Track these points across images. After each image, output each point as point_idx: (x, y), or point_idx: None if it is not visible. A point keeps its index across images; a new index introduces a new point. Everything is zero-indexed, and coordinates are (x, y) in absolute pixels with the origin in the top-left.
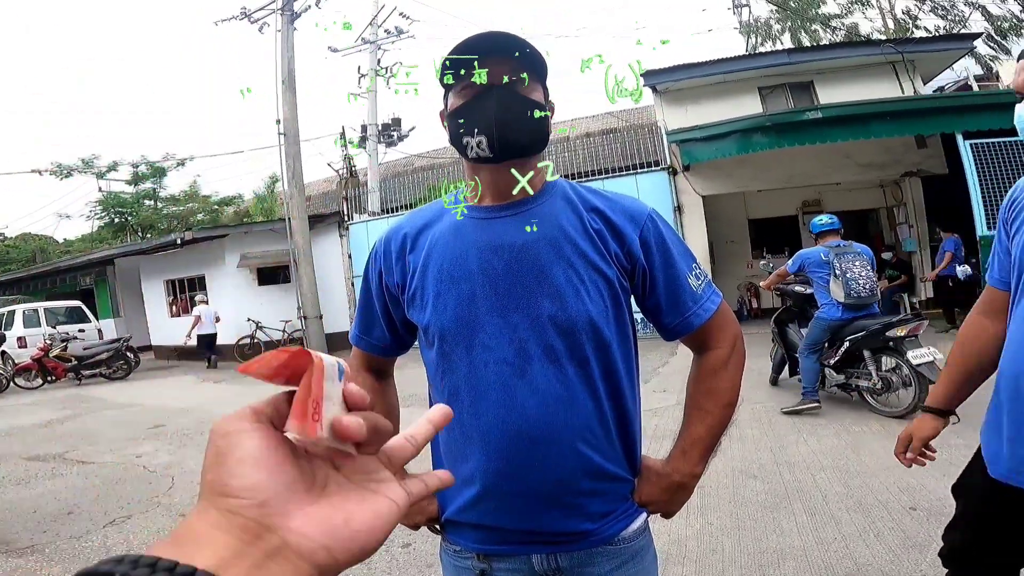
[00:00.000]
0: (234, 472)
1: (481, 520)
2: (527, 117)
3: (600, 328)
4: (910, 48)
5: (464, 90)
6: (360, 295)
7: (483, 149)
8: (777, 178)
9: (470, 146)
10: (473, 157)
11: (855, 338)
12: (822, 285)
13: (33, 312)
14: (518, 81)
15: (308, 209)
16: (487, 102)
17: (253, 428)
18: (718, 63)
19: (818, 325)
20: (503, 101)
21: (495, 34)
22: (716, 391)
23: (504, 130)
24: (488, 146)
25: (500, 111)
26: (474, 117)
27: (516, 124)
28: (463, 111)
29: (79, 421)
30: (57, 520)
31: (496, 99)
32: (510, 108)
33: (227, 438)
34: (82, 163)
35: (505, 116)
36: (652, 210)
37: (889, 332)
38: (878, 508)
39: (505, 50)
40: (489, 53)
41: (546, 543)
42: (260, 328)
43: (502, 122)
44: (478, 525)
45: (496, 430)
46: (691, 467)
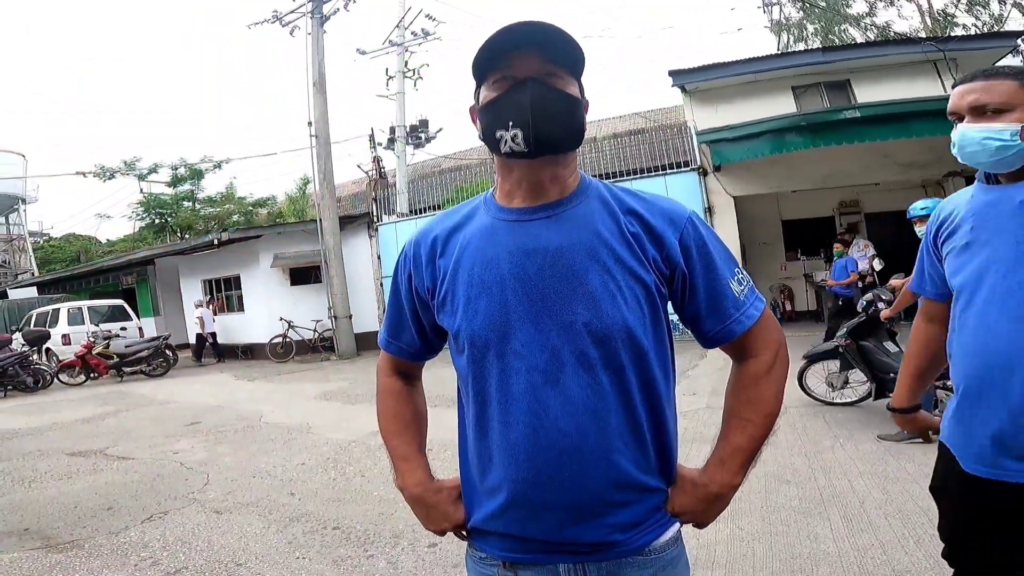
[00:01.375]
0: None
1: (508, 529)
2: (562, 111)
3: (637, 336)
4: (951, 46)
5: (498, 82)
6: (389, 298)
7: (518, 143)
8: (812, 178)
9: (504, 140)
10: (507, 152)
11: None
12: None
13: (77, 310)
14: (552, 74)
15: (338, 210)
16: (522, 95)
17: None
18: (749, 62)
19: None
20: (540, 94)
21: (532, 24)
22: (758, 400)
23: (540, 123)
24: (523, 140)
25: (537, 104)
26: (509, 110)
27: (552, 117)
28: (497, 104)
29: (120, 417)
30: (96, 516)
31: (532, 91)
32: (545, 100)
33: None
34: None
35: (542, 109)
36: (692, 212)
37: None
38: (919, 515)
39: (543, 41)
40: (526, 44)
41: (574, 553)
42: (292, 327)
43: (538, 115)
44: (504, 534)
45: (525, 439)
46: (729, 478)
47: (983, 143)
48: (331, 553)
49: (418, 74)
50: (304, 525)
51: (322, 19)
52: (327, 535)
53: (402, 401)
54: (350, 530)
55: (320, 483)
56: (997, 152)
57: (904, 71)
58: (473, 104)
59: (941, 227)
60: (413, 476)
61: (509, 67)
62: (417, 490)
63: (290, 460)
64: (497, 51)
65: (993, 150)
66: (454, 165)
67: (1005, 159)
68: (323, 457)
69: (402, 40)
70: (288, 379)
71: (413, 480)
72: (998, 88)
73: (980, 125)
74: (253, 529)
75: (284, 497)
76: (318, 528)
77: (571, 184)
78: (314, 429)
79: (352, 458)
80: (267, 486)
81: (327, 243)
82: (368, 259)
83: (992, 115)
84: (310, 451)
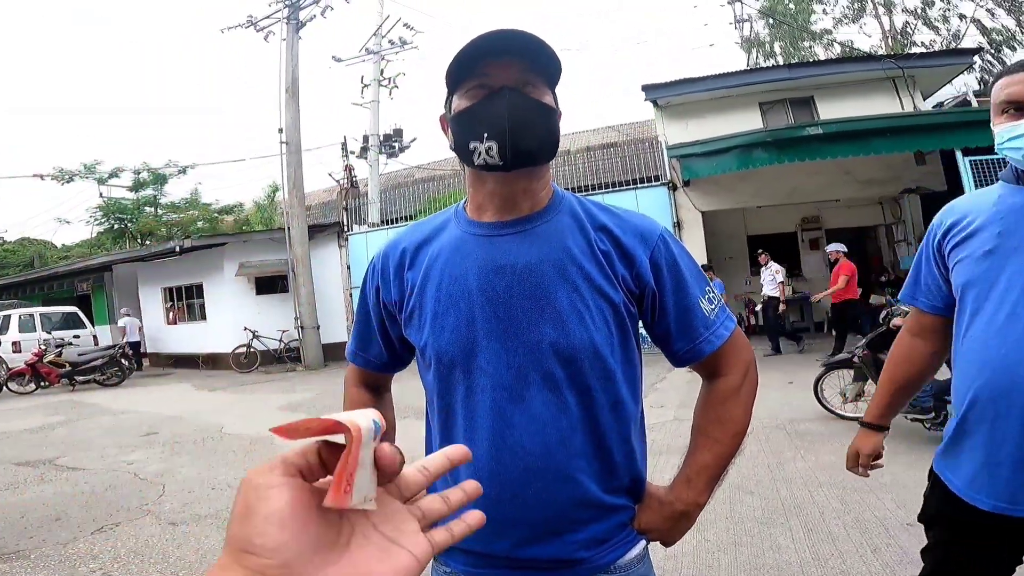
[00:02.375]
0: (260, 530)
1: (471, 546)
2: (539, 122)
3: (604, 356)
4: (910, 63)
5: (472, 91)
6: (357, 310)
7: (492, 156)
8: (777, 194)
9: (477, 152)
10: (480, 164)
11: None
12: None
13: (29, 317)
14: (528, 83)
15: (308, 219)
16: (498, 105)
17: (283, 483)
18: (719, 78)
19: None
20: (516, 104)
21: (512, 31)
22: (726, 420)
23: (517, 136)
24: (498, 153)
25: (512, 115)
26: (484, 120)
27: (529, 129)
28: (471, 113)
29: (71, 427)
30: (44, 526)
31: (509, 102)
32: (523, 112)
33: (257, 492)
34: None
35: (518, 121)
36: (664, 229)
37: None
38: (875, 524)
39: (522, 49)
40: (504, 52)
41: (538, 569)
42: (257, 337)
43: (515, 127)
44: (468, 551)
45: (489, 456)
46: (695, 496)
47: None
48: None
49: (394, 83)
50: None
51: (298, 25)
52: None
53: None
54: None
55: None
56: None
57: (865, 88)
58: (444, 113)
59: (950, 232)
60: None
61: (485, 75)
62: None
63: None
64: (474, 57)
65: None
66: (427, 175)
67: None
68: None
69: (379, 48)
70: (252, 390)
71: None
72: None
73: None
74: (211, 542)
75: None
76: None
77: (543, 198)
78: (278, 440)
79: None
80: (227, 498)
81: (295, 252)
82: (337, 269)
83: None
84: None
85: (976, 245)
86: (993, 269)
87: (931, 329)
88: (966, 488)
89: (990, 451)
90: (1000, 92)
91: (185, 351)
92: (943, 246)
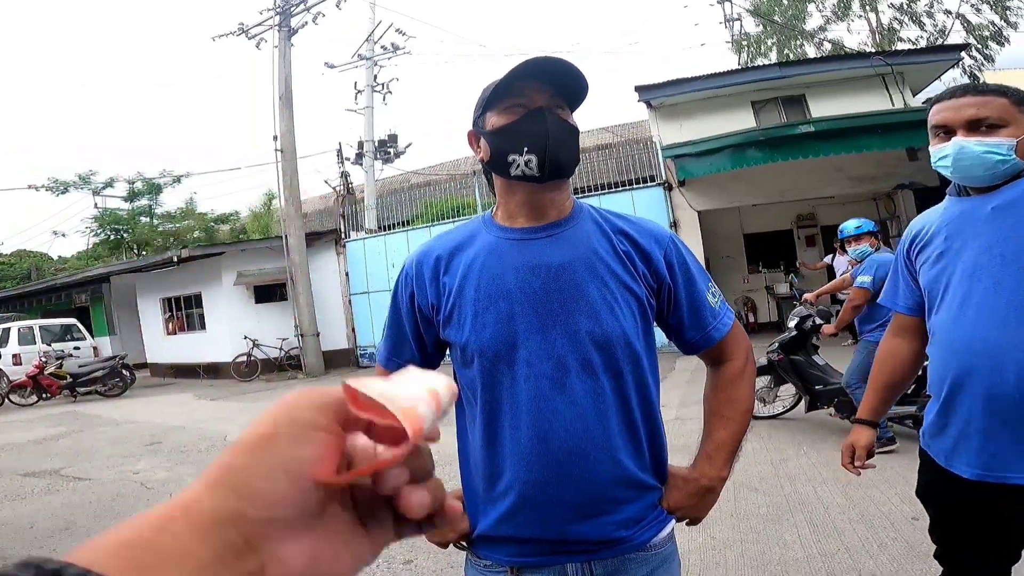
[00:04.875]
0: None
1: (517, 533)
2: (570, 141)
3: (633, 343)
4: (899, 60)
5: (509, 109)
6: (388, 317)
7: (531, 168)
8: (771, 192)
9: (516, 164)
10: (517, 175)
11: None
12: None
13: (28, 330)
14: (559, 106)
15: (305, 226)
16: (539, 123)
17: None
18: (711, 77)
19: None
20: (556, 123)
21: (553, 60)
22: (735, 399)
23: (554, 151)
24: (537, 165)
25: (552, 133)
26: (523, 136)
27: (563, 147)
28: (511, 129)
29: (74, 438)
30: (54, 536)
31: (548, 121)
32: (559, 131)
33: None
34: (79, 179)
35: (557, 138)
36: (672, 233)
37: None
38: (880, 519)
39: (560, 77)
40: (543, 77)
41: (581, 552)
42: (257, 346)
43: (553, 144)
44: (513, 538)
45: (535, 441)
46: (717, 471)
47: (983, 157)
48: None
49: (387, 88)
50: None
51: (290, 32)
52: None
53: None
54: None
55: None
56: (994, 166)
57: (854, 85)
58: (474, 129)
59: (914, 242)
60: None
61: (522, 96)
62: None
63: None
64: (518, 78)
65: (991, 164)
66: (423, 181)
67: (998, 173)
68: None
69: (372, 54)
70: (253, 398)
71: None
72: (993, 104)
73: (979, 139)
74: None
75: None
76: None
77: (567, 207)
78: None
79: None
80: None
81: (293, 260)
82: (336, 276)
83: (987, 130)
84: None
85: (931, 250)
86: (946, 269)
87: (911, 329)
88: (947, 460)
89: (961, 425)
90: (932, 117)
91: (185, 361)
92: (910, 254)
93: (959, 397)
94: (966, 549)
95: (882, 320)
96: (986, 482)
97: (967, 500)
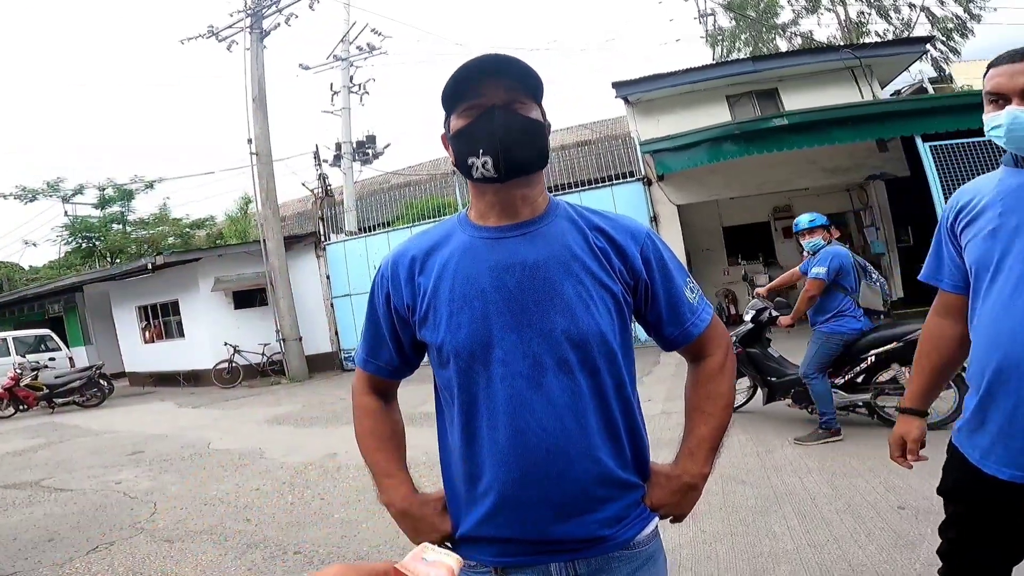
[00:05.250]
0: None
1: (498, 533)
2: (528, 136)
3: (609, 340)
4: (866, 53)
5: (466, 112)
6: (366, 318)
7: (488, 169)
8: (748, 185)
9: (475, 167)
10: (479, 177)
11: (886, 350)
12: (850, 292)
13: (1, 341)
14: (517, 101)
15: (283, 230)
16: (489, 122)
17: None
18: (686, 72)
19: (832, 341)
20: (505, 121)
21: (493, 56)
22: (716, 394)
23: (509, 150)
24: (494, 166)
25: (503, 131)
26: (478, 137)
27: (520, 144)
28: (466, 132)
29: (54, 449)
30: (38, 547)
31: (498, 119)
32: (513, 128)
33: None
34: (47, 186)
35: (509, 136)
36: (649, 228)
37: None
38: (867, 508)
39: (504, 71)
40: (488, 74)
41: (564, 551)
42: (238, 352)
43: (507, 142)
44: (495, 538)
45: (512, 441)
46: (699, 467)
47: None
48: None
49: (364, 89)
50: (263, 551)
51: (262, 34)
52: (288, 560)
53: (380, 419)
54: (312, 554)
55: (277, 508)
56: None
57: (825, 78)
58: (444, 132)
59: (960, 214)
60: (398, 491)
61: (477, 95)
62: (403, 504)
63: (243, 486)
64: (464, 80)
65: None
66: (403, 181)
67: None
68: (279, 481)
69: (347, 55)
70: (236, 405)
71: (399, 495)
72: None
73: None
74: (208, 557)
75: (239, 524)
76: (278, 553)
77: (541, 204)
78: (267, 454)
79: (309, 481)
80: (220, 513)
81: (272, 264)
82: (316, 279)
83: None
84: (264, 476)
85: (981, 225)
86: (997, 248)
87: (957, 308)
88: (983, 458)
89: (1003, 422)
90: (987, 83)
91: (165, 369)
92: (955, 226)
93: (1001, 392)
94: (983, 547)
95: (834, 311)
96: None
97: (996, 499)
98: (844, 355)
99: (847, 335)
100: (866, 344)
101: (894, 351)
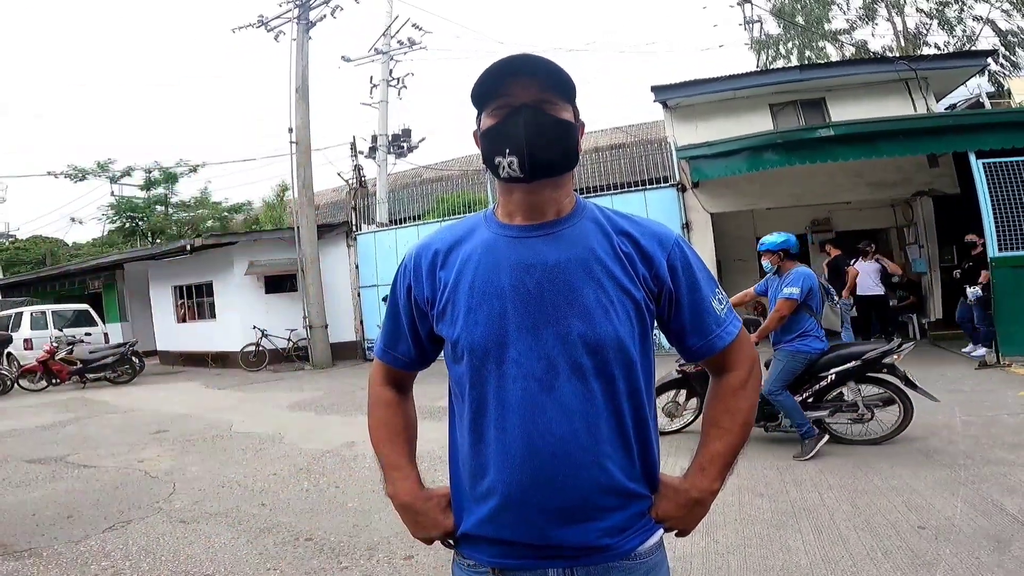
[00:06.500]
0: None
1: (499, 534)
2: (555, 136)
3: (627, 347)
4: (923, 65)
5: (495, 110)
6: (387, 309)
7: (514, 169)
8: (786, 196)
9: (502, 166)
10: (505, 177)
11: (845, 369)
12: (815, 313)
13: (40, 314)
14: (546, 101)
15: (317, 218)
16: (517, 122)
17: None
18: (728, 79)
19: (797, 360)
20: (533, 121)
21: (523, 56)
22: (735, 411)
23: (535, 150)
24: (519, 166)
25: (531, 131)
26: (505, 137)
27: (546, 144)
28: (494, 131)
29: (81, 425)
30: (56, 524)
31: (526, 119)
32: (540, 128)
33: None
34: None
35: (535, 136)
36: (679, 235)
37: (886, 359)
38: (886, 527)
39: (533, 71)
40: (517, 74)
41: (564, 558)
42: (265, 336)
43: (533, 142)
44: (495, 540)
45: (520, 443)
46: (709, 483)
47: None
48: (304, 565)
49: (402, 83)
50: (276, 536)
51: (308, 25)
52: (300, 547)
53: (394, 411)
54: (323, 542)
55: (292, 494)
56: None
57: (877, 90)
58: (475, 129)
59: None
60: (403, 484)
61: (507, 94)
62: (407, 498)
63: (261, 470)
64: (494, 78)
65: None
66: (435, 176)
67: None
68: (296, 467)
69: (388, 49)
70: (260, 388)
71: (403, 488)
72: None
73: None
74: (222, 540)
75: (255, 508)
76: (290, 539)
77: (567, 205)
78: (286, 439)
79: (326, 469)
80: (237, 496)
81: (304, 251)
82: (346, 268)
83: None
84: (282, 461)
85: None
86: None
87: None
88: None
89: None
90: None
91: (195, 349)
92: None
93: None
94: None
95: (800, 331)
96: None
97: None
98: (804, 373)
99: (811, 354)
100: (826, 363)
101: (852, 369)
